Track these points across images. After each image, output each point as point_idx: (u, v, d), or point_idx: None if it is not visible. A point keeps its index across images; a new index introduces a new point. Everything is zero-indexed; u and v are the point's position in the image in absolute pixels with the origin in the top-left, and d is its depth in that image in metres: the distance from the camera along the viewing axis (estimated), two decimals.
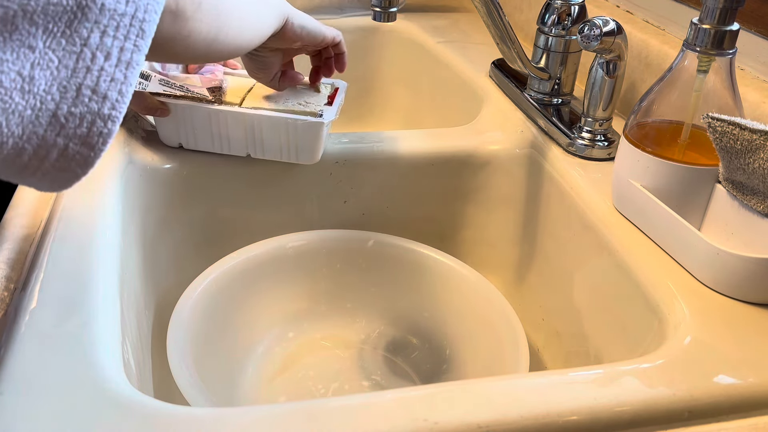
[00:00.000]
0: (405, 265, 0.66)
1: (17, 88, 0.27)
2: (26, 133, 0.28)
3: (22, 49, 0.27)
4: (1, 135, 0.27)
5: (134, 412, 0.36)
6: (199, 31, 0.41)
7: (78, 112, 0.29)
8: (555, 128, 0.68)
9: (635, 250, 0.53)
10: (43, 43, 0.27)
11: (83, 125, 0.29)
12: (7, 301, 0.43)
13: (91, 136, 0.29)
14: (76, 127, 0.29)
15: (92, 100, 0.29)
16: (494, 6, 0.65)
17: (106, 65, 0.29)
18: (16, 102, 0.27)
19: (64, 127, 0.29)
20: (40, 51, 0.27)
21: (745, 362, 0.42)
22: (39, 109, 0.28)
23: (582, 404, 0.39)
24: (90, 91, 0.29)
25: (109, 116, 0.30)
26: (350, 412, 0.37)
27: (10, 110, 0.27)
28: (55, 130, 0.29)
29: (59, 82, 0.28)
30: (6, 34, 0.26)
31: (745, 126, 0.46)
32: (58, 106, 0.28)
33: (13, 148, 0.28)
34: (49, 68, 0.28)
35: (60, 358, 0.39)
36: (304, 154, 0.61)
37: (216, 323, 0.58)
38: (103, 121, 0.29)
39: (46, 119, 0.28)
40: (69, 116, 0.29)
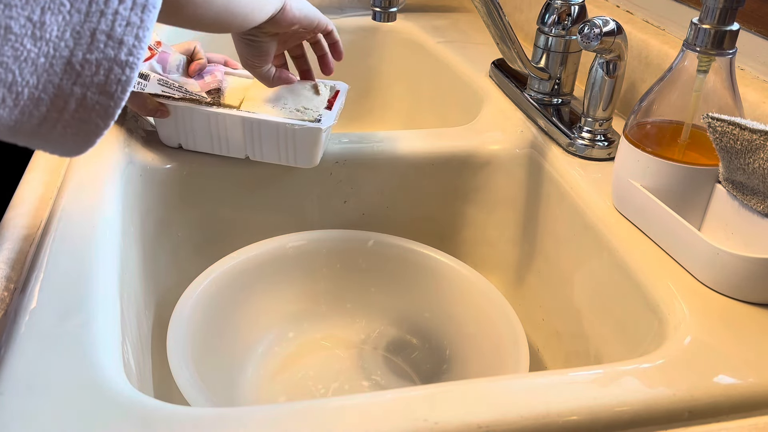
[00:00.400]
0: (405, 265, 0.66)
1: (28, 34, 0.26)
2: (41, 82, 0.27)
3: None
4: (15, 84, 0.26)
5: (134, 412, 0.36)
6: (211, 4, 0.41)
7: (94, 58, 0.27)
8: (555, 128, 0.68)
9: (635, 250, 0.53)
10: None
11: (100, 72, 0.28)
12: (7, 301, 0.43)
13: (109, 83, 0.28)
14: (92, 74, 0.28)
15: (108, 46, 0.28)
16: (494, 6, 0.65)
17: (120, 8, 0.27)
18: (28, 49, 0.26)
19: (81, 75, 0.27)
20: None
21: (746, 362, 0.42)
22: (53, 56, 0.27)
23: (582, 404, 0.39)
24: (105, 36, 0.27)
25: (126, 62, 0.28)
26: (350, 412, 0.37)
27: (22, 58, 0.26)
28: (71, 79, 0.27)
29: (72, 28, 0.27)
30: None
31: (745, 126, 0.46)
32: (72, 53, 0.27)
33: (30, 98, 0.27)
34: (61, 12, 0.26)
35: (60, 358, 0.39)
36: (302, 159, 0.61)
37: (216, 323, 0.58)
38: (121, 67, 0.28)
39: (60, 67, 0.27)
40: (84, 63, 0.27)
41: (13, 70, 0.26)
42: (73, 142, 0.30)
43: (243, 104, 0.61)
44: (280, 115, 0.60)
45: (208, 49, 0.66)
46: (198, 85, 0.62)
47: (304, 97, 0.63)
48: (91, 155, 0.58)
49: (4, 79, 0.26)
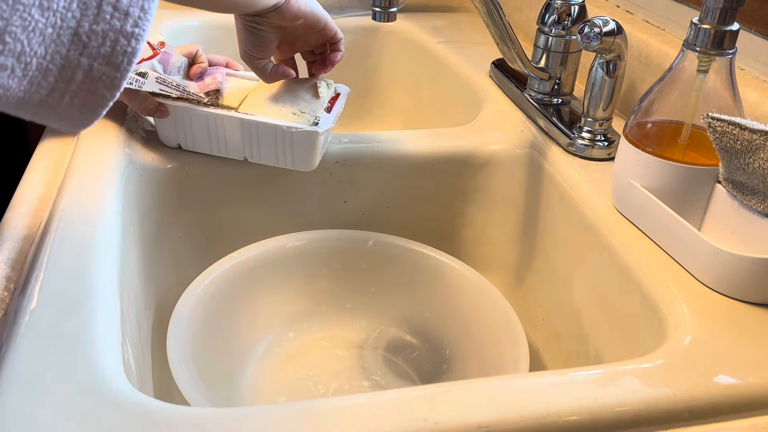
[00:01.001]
0: (405, 265, 0.66)
1: (36, 4, 0.26)
2: (49, 52, 0.27)
3: None
4: (24, 54, 0.26)
5: (134, 412, 0.36)
6: None
7: (100, 29, 0.28)
8: (555, 128, 0.68)
9: (635, 250, 0.53)
10: None
11: (106, 44, 0.28)
12: (7, 301, 0.43)
13: (115, 55, 0.28)
14: (99, 45, 0.28)
15: (114, 17, 0.28)
16: (494, 6, 0.65)
17: None
18: (36, 19, 0.26)
19: (87, 46, 0.28)
20: None
21: (746, 362, 0.42)
22: (60, 27, 0.27)
23: (582, 404, 0.39)
24: (111, 8, 0.28)
25: (132, 34, 0.28)
26: (350, 412, 0.37)
27: (30, 28, 0.26)
28: (78, 49, 0.28)
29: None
30: None
31: (745, 126, 0.46)
32: (79, 23, 0.27)
33: (38, 69, 0.27)
34: None
35: (60, 358, 0.39)
36: (300, 162, 0.61)
37: (216, 323, 0.58)
38: (127, 39, 0.28)
39: (67, 38, 0.27)
40: (91, 34, 0.28)
41: (21, 40, 0.26)
42: (80, 114, 0.30)
43: (242, 105, 0.61)
44: (279, 117, 0.60)
45: (211, 51, 0.66)
46: (197, 86, 0.62)
47: (303, 100, 0.63)
48: (91, 155, 0.58)
49: (13, 49, 0.26)
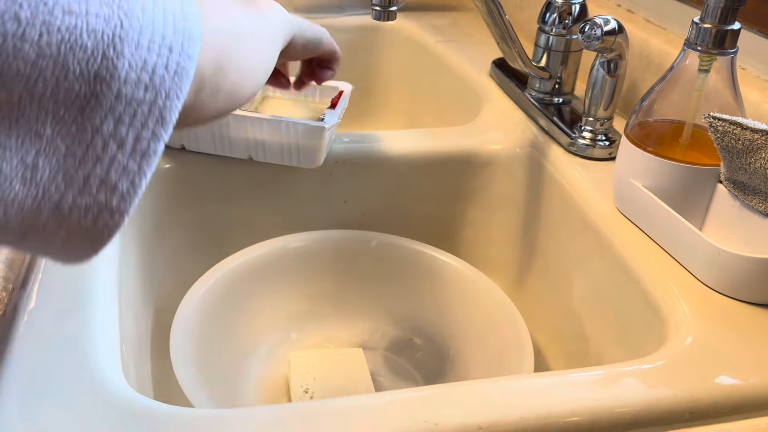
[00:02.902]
0: (408, 266, 0.66)
1: (18, 176, 0.25)
2: (26, 223, 0.26)
3: (28, 135, 0.24)
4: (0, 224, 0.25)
5: (133, 412, 0.36)
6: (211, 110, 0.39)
7: (84, 203, 0.26)
8: (556, 128, 0.68)
9: (636, 250, 0.53)
10: (51, 129, 0.25)
11: (88, 217, 0.27)
12: (6, 302, 0.43)
13: (96, 228, 0.27)
14: (80, 218, 0.27)
15: (100, 191, 0.26)
16: (495, 5, 0.65)
17: (118, 155, 0.26)
18: (16, 191, 0.25)
19: (67, 219, 0.26)
20: (47, 138, 0.25)
21: (747, 363, 0.42)
22: (41, 199, 0.26)
23: (583, 405, 0.38)
24: (98, 182, 0.26)
25: (117, 208, 0.27)
26: (351, 412, 0.37)
27: (9, 199, 0.25)
28: (57, 221, 0.26)
29: (65, 171, 0.26)
30: (12, 118, 0.24)
31: (746, 125, 0.46)
32: (62, 196, 0.26)
33: (13, 235, 0.26)
34: (56, 156, 0.25)
35: (59, 358, 0.39)
36: (306, 159, 0.61)
37: (218, 324, 0.58)
38: (111, 213, 0.27)
39: (48, 210, 0.26)
40: (73, 207, 0.26)
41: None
42: (53, 261, 0.29)
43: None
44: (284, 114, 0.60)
45: None
46: None
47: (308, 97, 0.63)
48: None
49: None
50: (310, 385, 0.58)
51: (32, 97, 0.24)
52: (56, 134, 0.25)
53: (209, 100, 0.37)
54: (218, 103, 0.39)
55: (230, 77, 0.39)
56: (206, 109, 0.38)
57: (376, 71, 1.03)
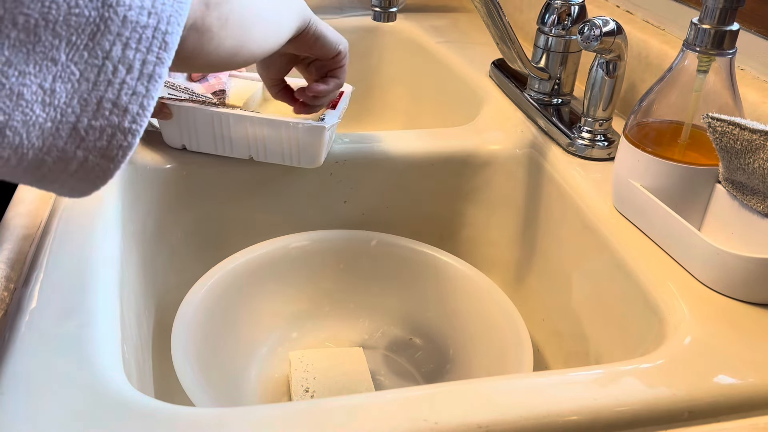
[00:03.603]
0: (408, 265, 0.66)
1: (38, 100, 0.27)
2: (46, 145, 0.28)
3: (45, 61, 0.26)
4: (22, 147, 0.27)
5: (134, 412, 0.36)
6: (224, 47, 0.41)
7: (98, 125, 0.29)
8: (555, 128, 0.68)
9: (635, 250, 0.53)
10: (66, 55, 0.27)
11: (103, 138, 0.29)
12: (7, 301, 0.43)
13: (110, 149, 0.29)
14: (96, 140, 0.29)
15: (113, 114, 0.29)
16: (494, 6, 0.65)
17: (127, 78, 0.29)
18: (36, 114, 0.27)
19: (84, 140, 0.29)
20: (62, 64, 0.27)
21: (745, 362, 0.42)
22: (59, 121, 0.28)
23: (582, 404, 0.39)
24: (111, 105, 0.28)
25: (129, 129, 0.29)
26: (351, 411, 0.37)
27: (30, 123, 0.27)
28: (75, 143, 0.28)
29: (80, 95, 0.28)
30: (30, 45, 0.26)
31: (745, 126, 0.46)
32: (78, 119, 0.28)
33: (34, 159, 0.28)
34: (71, 81, 0.27)
35: (60, 358, 0.39)
36: (306, 158, 0.61)
37: (219, 324, 0.58)
38: (123, 134, 0.29)
39: (66, 132, 0.28)
40: (89, 129, 0.28)
41: (21, 133, 0.27)
42: (68, 193, 0.31)
43: (246, 105, 0.62)
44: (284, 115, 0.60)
45: None
46: (203, 87, 0.62)
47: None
48: None
49: (11, 142, 0.27)
50: (310, 384, 0.58)
51: (47, 22, 0.26)
52: (70, 60, 0.27)
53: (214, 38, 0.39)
54: (226, 40, 0.40)
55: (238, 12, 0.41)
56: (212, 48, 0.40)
57: (376, 72, 1.04)
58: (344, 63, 0.58)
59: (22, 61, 0.26)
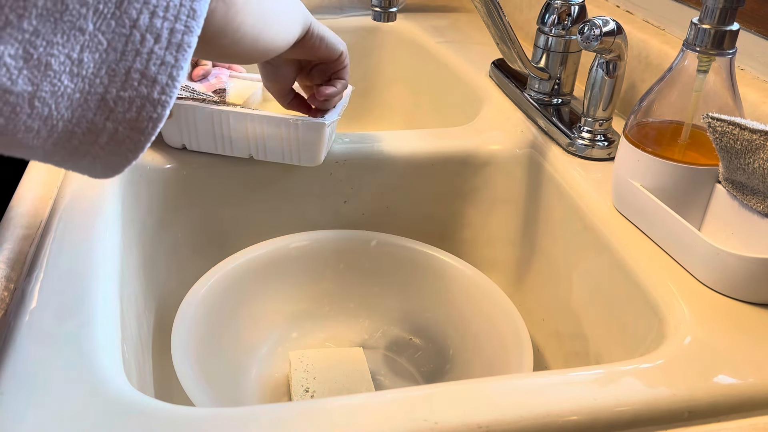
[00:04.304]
0: (408, 265, 0.66)
1: (66, 71, 0.26)
2: (75, 116, 0.27)
3: (72, 31, 0.26)
4: (51, 118, 0.27)
5: (134, 412, 0.36)
6: (247, 25, 0.41)
7: (127, 96, 0.28)
8: (555, 128, 0.68)
9: (635, 250, 0.53)
10: (93, 24, 0.26)
11: (132, 109, 0.28)
12: (7, 301, 0.43)
13: (140, 120, 0.29)
14: (125, 111, 0.28)
15: (142, 84, 0.28)
16: (494, 6, 0.65)
17: (156, 48, 0.28)
18: (65, 85, 0.27)
19: (113, 111, 0.28)
20: (90, 33, 0.26)
21: (745, 362, 0.42)
22: (88, 92, 0.27)
23: (582, 404, 0.39)
24: (139, 75, 0.28)
25: (158, 101, 0.29)
26: (351, 411, 0.37)
27: (59, 93, 0.26)
28: (104, 114, 0.28)
29: (108, 66, 0.27)
30: (57, 14, 0.25)
31: (745, 126, 0.46)
32: (107, 89, 0.28)
33: (64, 131, 0.28)
34: (98, 51, 0.27)
35: (60, 358, 0.39)
36: (306, 156, 0.61)
37: (219, 324, 0.58)
38: (153, 105, 0.29)
39: (95, 103, 0.28)
40: (118, 100, 0.28)
41: (49, 104, 0.26)
42: (101, 169, 0.30)
43: (246, 104, 0.62)
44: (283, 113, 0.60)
45: None
46: (203, 86, 0.62)
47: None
48: None
49: (41, 113, 0.26)
50: (310, 384, 0.58)
51: None
52: (97, 29, 0.26)
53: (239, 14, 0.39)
54: (249, 18, 0.40)
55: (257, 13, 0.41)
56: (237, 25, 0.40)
57: (376, 72, 1.04)
58: (347, 63, 0.58)
59: (50, 31, 0.25)
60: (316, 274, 0.66)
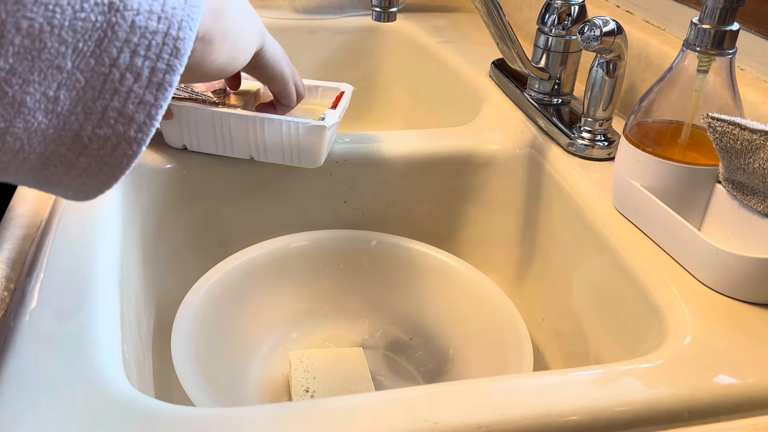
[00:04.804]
0: (408, 265, 0.66)
1: (41, 108, 0.26)
2: (48, 150, 0.27)
3: (50, 69, 0.25)
4: (22, 152, 0.27)
5: (134, 412, 0.36)
6: (220, 60, 0.41)
7: (103, 133, 0.28)
8: (555, 128, 0.68)
9: (635, 250, 0.53)
10: (72, 62, 0.26)
11: (107, 146, 0.28)
12: (7, 301, 0.43)
13: (115, 156, 0.28)
14: (99, 147, 0.28)
15: (118, 122, 0.28)
16: (494, 6, 0.65)
17: (135, 87, 0.27)
18: (39, 121, 0.26)
19: (88, 147, 0.28)
20: (68, 71, 0.26)
21: (745, 362, 0.42)
22: (62, 129, 0.27)
23: (582, 404, 0.39)
24: (116, 113, 0.27)
25: (134, 138, 0.28)
26: (351, 411, 0.37)
27: (32, 129, 0.26)
28: (78, 150, 0.28)
29: (85, 103, 0.27)
30: (35, 52, 0.25)
31: (745, 126, 0.46)
32: (82, 126, 0.27)
33: (35, 163, 0.27)
34: (75, 89, 0.26)
35: (60, 358, 0.39)
36: (306, 158, 0.61)
37: (220, 324, 0.58)
38: (128, 143, 0.28)
39: (69, 139, 0.27)
40: (93, 137, 0.27)
41: (22, 139, 0.26)
42: (74, 196, 0.30)
43: (248, 105, 0.62)
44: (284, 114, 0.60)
45: None
46: (203, 86, 0.62)
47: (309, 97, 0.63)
48: None
49: (12, 147, 0.26)
50: (310, 384, 0.58)
51: (52, 27, 0.25)
52: (76, 67, 0.26)
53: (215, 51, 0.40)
54: (222, 54, 0.41)
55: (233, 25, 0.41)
56: (210, 61, 0.40)
57: (376, 72, 1.04)
58: (287, 93, 0.59)
59: (27, 69, 0.25)
60: (316, 274, 0.66)
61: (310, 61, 0.68)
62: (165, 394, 0.55)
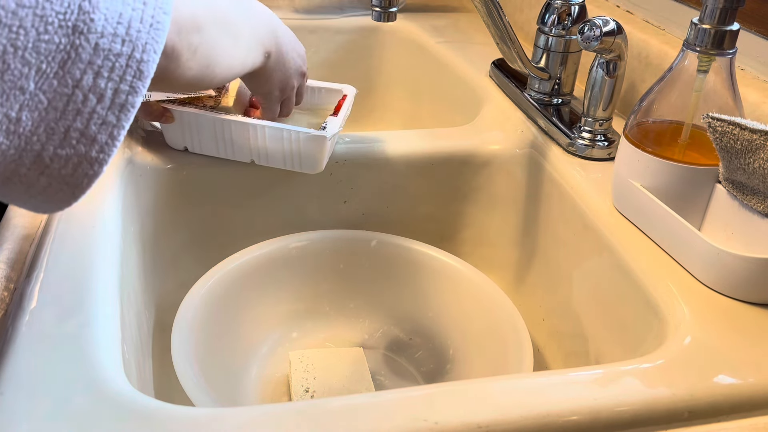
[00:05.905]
0: (408, 265, 0.66)
1: (2, 129, 0.26)
2: (8, 170, 0.27)
3: (13, 90, 0.25)
4: None
5: (134, 412, 0.36)
6: (188, 75, 0.41)
7: (64, 153, 0.28)
8: (555, 128, 0.68)
9: (635, 250, 0.53)
10: (34, 84, 0.26)
11: (68, 166, 0.28)
12: (7, 301, 0.43)
13: (76, 176, 0.28)
14: (60, 167, 0.28)
15: (80, 143, 0.28)
16: (494, 6, 0.65)
17: (98, 108, 0.28)
18: (0, 142, 0.26)
19: (49, 167, 0.28)
20: (30, 92, 0.26)
21: (745, 362, 0.42)
22: (23, 149, 0.27)
23: (582, 404, 0.39)
24: (78, 134, 0.27)
25: (96, 159, 0.28)
26: (350, 412, 0.37)
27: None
28: (39, 170, 0.28)
29: (47, 124, 0.27)
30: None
31: (745, 126, 0.46)
32: (44, 147, 0.27)
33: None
34: (38, 110, 0.26)
35: (60, 358, 0.39)
36: (307, 165, 0.61)
37: (220, 324, 0.58)
38: (90, 163, 0.28)
39: (30, 159, 0.27)
40: (54, 157, 0.28)
41: None
42: (34, 210, 0.30)
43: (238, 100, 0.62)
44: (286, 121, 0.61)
45: None
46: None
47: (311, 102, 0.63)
48: None
49: None
50: (310, 384, 0.58)
51: (15, 49, 0.25)
52: (38, 88, 0.26)
53: (181, 66, 0.40)
54: (190, 70, 0.41)
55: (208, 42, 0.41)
56: (178, 75, 0.40)
57: (376, 72, 1.04)
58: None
59: None
60: (316, 274, 0.66)
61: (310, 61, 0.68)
62: (165, 394, 0.55)
